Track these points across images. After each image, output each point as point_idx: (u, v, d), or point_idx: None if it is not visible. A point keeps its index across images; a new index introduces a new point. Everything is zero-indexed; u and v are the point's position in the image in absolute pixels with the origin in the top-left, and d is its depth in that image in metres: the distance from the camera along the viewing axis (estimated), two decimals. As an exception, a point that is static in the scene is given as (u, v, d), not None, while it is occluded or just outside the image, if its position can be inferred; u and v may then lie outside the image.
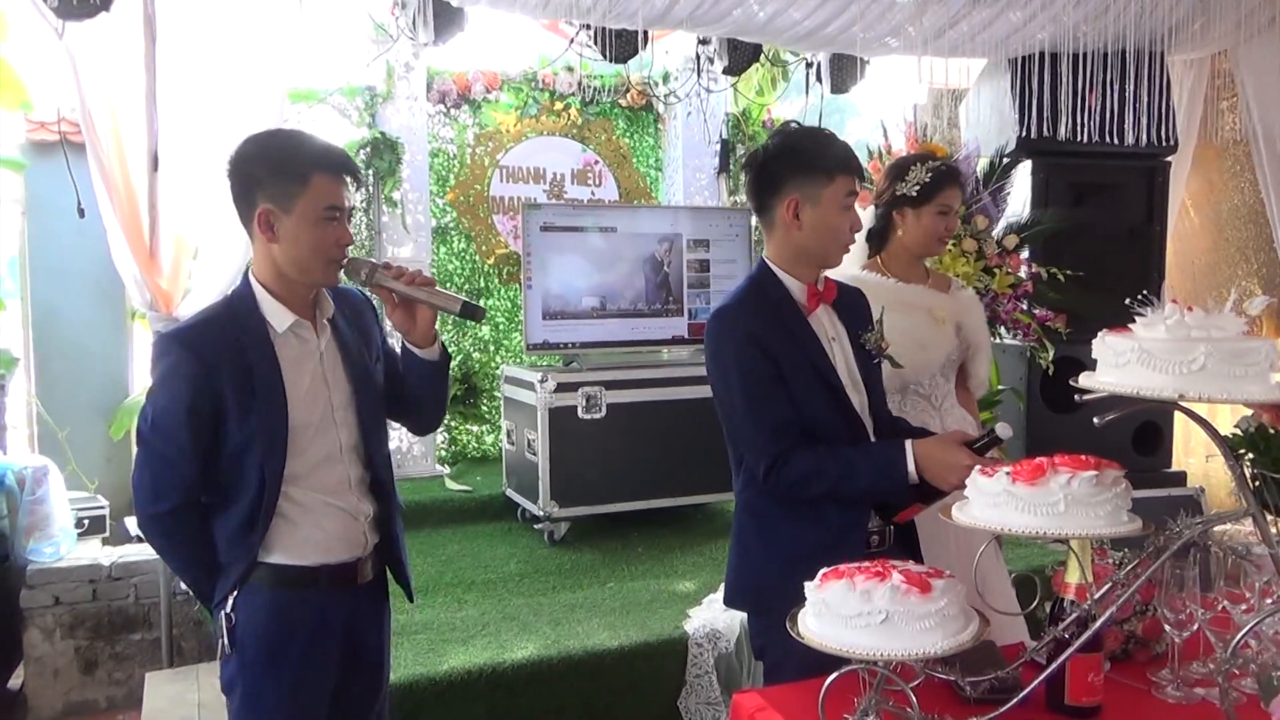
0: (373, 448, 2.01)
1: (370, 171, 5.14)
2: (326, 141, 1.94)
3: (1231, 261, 5.45)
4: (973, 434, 1.88)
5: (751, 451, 2.00)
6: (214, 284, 3.86)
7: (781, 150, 2.03)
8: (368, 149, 5.15)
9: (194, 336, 1.87)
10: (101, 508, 4.42)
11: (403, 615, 3.18)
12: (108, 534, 4.41)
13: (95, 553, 4.17)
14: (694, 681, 3.17)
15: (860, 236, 2.62)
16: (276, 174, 1.84)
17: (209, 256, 3.95)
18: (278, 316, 1.90)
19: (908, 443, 1.89)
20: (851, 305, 2.14)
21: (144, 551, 4.12)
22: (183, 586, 3.93)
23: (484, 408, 5.76)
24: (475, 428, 5.79)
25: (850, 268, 2.49)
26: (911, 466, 1.86)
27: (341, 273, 1.93)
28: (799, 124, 2.16)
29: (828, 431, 1.98)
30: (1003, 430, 1.80)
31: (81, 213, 3.91)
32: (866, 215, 2.58)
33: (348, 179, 1.90)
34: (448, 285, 5.64)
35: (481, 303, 5.75)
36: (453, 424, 5.70)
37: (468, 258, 5.85)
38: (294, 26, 3.95)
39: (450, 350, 2.09)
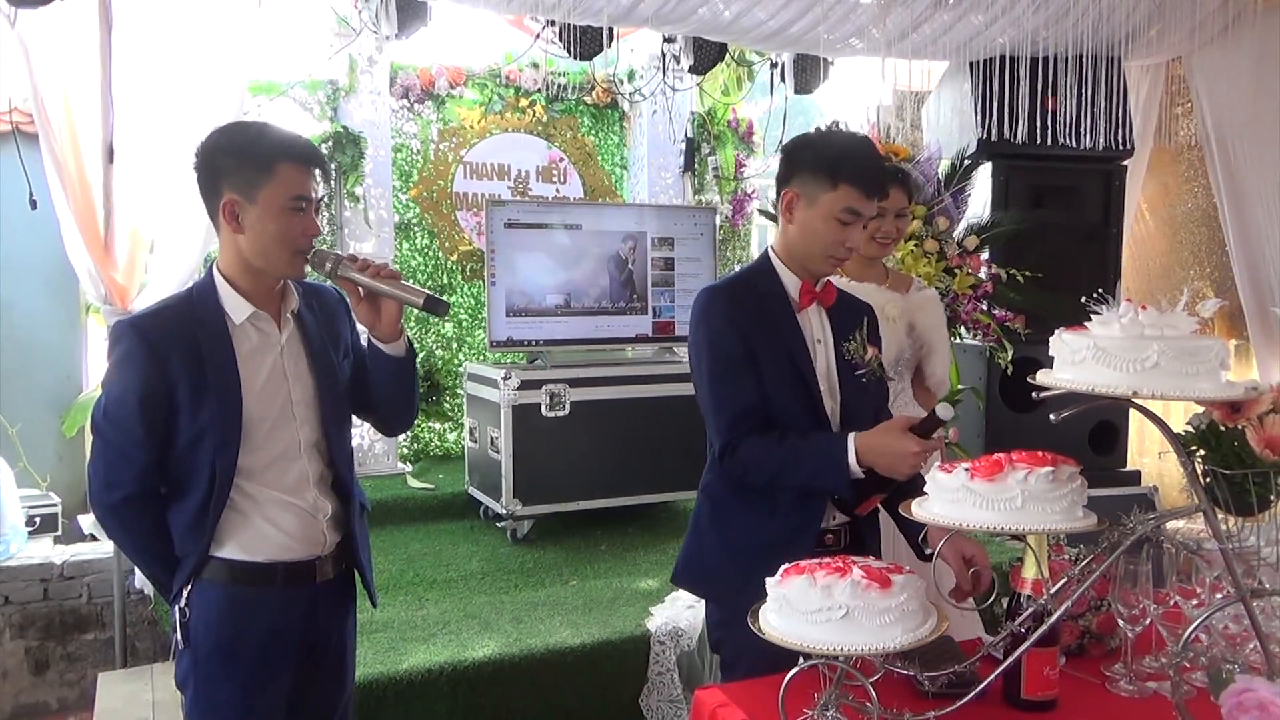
0: (334, 445, 1.98)
1: (332, 166, 5.08)
2: (294, 132, 1.92)
3: (1185, 264, 5.55)
4: (915, 419, 1.87)
5: (713, 432, 2.01)
6: (171, 277, 3.80)
7: (803, 144, 2.02)
8: (330, 143, 5.09)
9: (147, 325, 1.84)
10: (53, 505, 4.34)
11: (364, 614, 3.11)
12: (60, 532, 4.33)
13: (47, 551, 4.09)
14: (656, 679, 3.17)
15: None
16: (242, 163, 1.82)
17: (166, 250, 3.88)
18: (236, 308, 1.87)
19: (850, 435, 1.86)
20: (848, 314, 2.08)
21: (97, 550, 4.05)
22: (137, 585, 3.86)
23: (447, 405, 5.72)
24: (438, 425, 5.75)
25: None
26: (853, 458, 1.83)
27: (307, 265, 1.91)
28: (844, 126, 2.14)
29: (793, 427, 1.97)
30: (943, 411, 1.79)
31: (34, 204, 3.83)
32: None
33: (315, 170, 1.88)
34: (411, 281, 5.59)
35: (446, 299, 5.71)
36: (415, 421, 5.66)
37: (431, 254, 5.81)
38: (254, 17, 3.89)
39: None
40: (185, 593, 1.87)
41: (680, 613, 3.30)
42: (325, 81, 5.14)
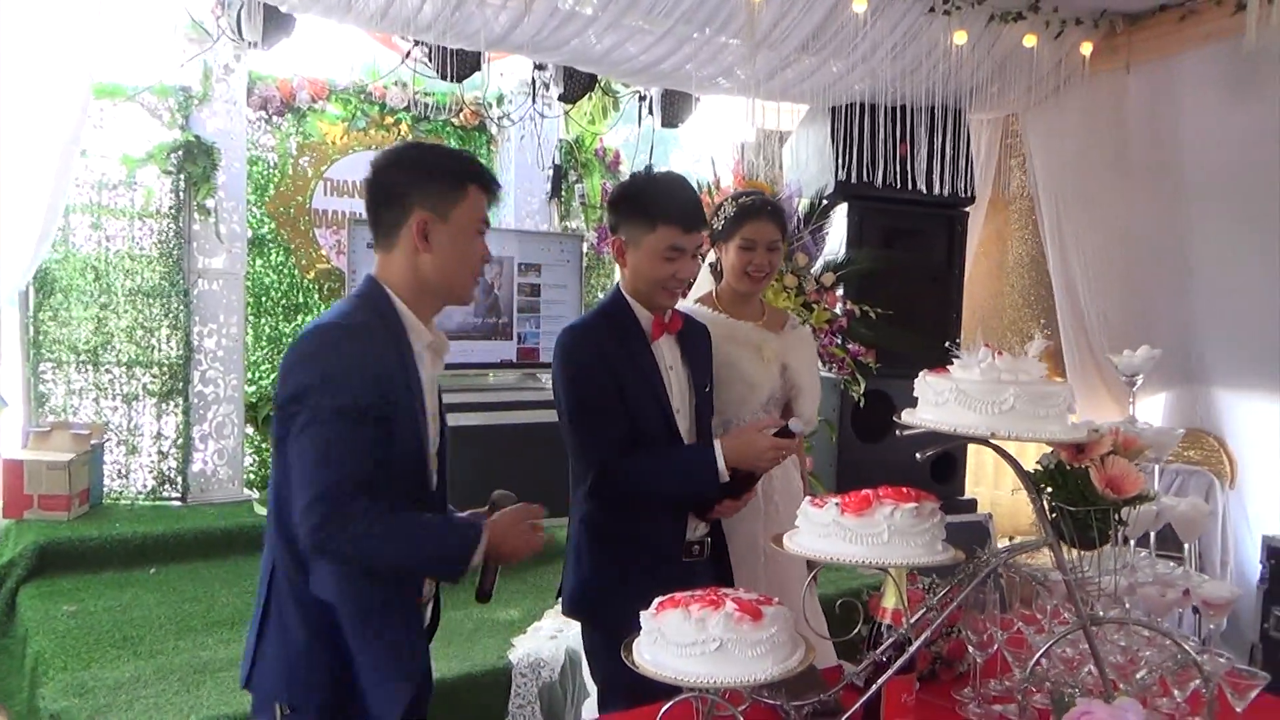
0: None
1: (181, 177, 4.83)
2: (471, 154, 1.97)
3: (1015, 305, 5.95)
4: (769, 422, 2.16)
5: (582, 463, 2.14)
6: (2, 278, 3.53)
7: (620, 194, 2.23)
8: (179, 152, 4.83)
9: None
10: None
11: (210, 650, 2.97)
12: None
13: None
14: (517, 712, 3.12)
15: (704, 270, 2.69)
16: (434, 181, 1.82)
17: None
18: (417, 333, 1.87)
19: (716, 441, 2.10)
20: (693, 338, 2.29)
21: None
22: None
23: (298, 428, 5.49)
24: (288, 449, 5.51)
25: (688, 300, 2.55)
26: (722, 462, 2.05)
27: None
28: (652, 168, 2.31)
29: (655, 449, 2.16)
30: (794, 425, 2.07)
31: None
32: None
33: (494, 195, 1.90)
34: (264, 300, 5.39)
35: (301, 319, 5.52)
36: (264, 445, 5.41)
37: (286, 271, 5.58)
38: (100, 16, 3.68)
39: (261, 369, 2.04)
40: None
41: (542, 644, 3.27)
42: (176, 88, 4.89)
